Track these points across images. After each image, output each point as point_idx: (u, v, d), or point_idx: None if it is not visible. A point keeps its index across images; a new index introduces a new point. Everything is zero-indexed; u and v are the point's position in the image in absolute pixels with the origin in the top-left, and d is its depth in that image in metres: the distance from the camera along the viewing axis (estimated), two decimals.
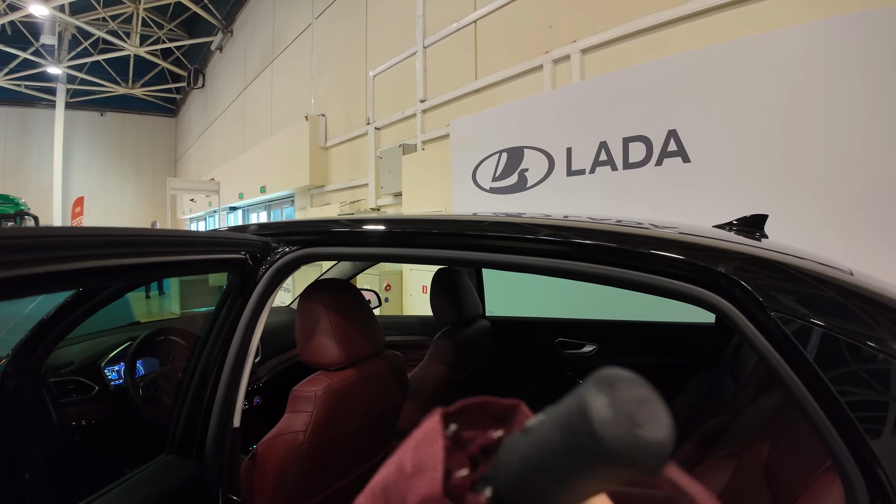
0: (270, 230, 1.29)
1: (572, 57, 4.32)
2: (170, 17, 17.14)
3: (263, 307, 1.22)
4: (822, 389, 0.63)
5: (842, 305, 0.69)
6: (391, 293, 5.95)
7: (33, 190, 18.82)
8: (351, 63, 8.15)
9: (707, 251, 0.82)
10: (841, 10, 2.74)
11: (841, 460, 0.61)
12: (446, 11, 5.98)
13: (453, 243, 1.05)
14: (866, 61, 2.45)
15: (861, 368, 0.63)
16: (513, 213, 1.30)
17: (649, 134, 3.21)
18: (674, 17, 3.68)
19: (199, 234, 1.11)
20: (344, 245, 1.20)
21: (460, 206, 4.51)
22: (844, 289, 0.71)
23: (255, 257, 1.21)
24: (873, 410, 0.62)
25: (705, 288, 0.77)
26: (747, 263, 0.77)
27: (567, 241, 0.91)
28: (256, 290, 1.20)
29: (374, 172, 7.06)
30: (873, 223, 2.41)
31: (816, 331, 0.66)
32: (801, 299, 0.70)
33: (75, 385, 1.93)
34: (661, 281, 0.81)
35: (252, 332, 1.21)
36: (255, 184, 11.12)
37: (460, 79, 5.71)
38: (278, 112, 11.37)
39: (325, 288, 1.42)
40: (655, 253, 0.83)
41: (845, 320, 0.66)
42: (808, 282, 0.73)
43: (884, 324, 0.66)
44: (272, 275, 1.21)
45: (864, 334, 0.64)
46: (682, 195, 3.07)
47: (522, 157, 4.00)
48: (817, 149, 2.58)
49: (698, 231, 1.05)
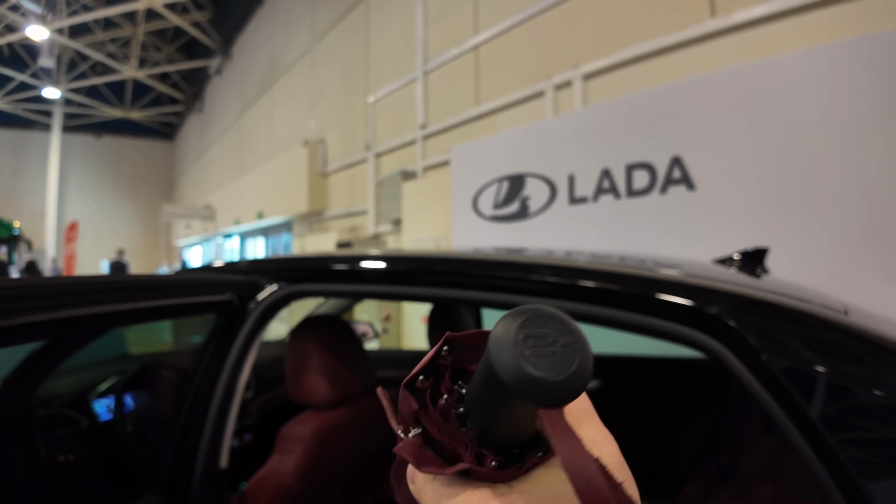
0: (259, 268, 1.27)
1: (574, 82, 4.31)
2: (169, 41, 17.32)
3: (251, 345, 1.19)
4: (813, 432, 0.62)
5: (834, 346, 0.70)
6: (390, 324, 5.88)
7: (27, 214, 18.71)
8: (351, 88, 8.17)
9: (700, 292, 0.82)
10: (846, 34, 2.73)
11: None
12: (447, 37, 6.00)
13: (444, 282, 1.06)
14: (874, 85, 2.42)
15: (852, 411, 0.63)
16: (513, 248, 1.32)
17: (653, 160, 3.18)
18: (676, 42, 3.68)
19: (183, 277, 1.09)
20: (334, 282, 1.20)
21: (461, 234, 4.46)
22: (837, 329, 0.72)
23: (242, 297, 1.19)
24: (865, 453, 0.61)
25: (698, 329, 0.77)
26: (740, 304, 0.78)
27: (556, 283, 0.93)
28: (245, 329, 1.17)
29: (373, 199, 7.01)
30: (883, 251, 2.36)
31: (807, 373, 0.66)
32: (793, 341, 0.71)
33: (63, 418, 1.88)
34: (654, 322, 0.81)
35: (239, 370, 1.18)
36: (253, 209, 11.08)
37: (461, 104, 5.70)
38: (277, 137, 11.38)
39: (316, 325, 1.41)
40: (648, 294, 0.84)
41: (836, 362, 0.67)
42: (801, 323, 0.74)
43: (876, 364, 0.66)
44: (261, 313, 1.18)
45: (856, 375, 0.65)
46: (687, 223, 3.03)
47: (524, 185, 3.96)
48: (825, 175, 2.54)
49: (697, 268, 1.08)
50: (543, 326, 0.23)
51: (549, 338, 0.23)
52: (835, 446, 0.60)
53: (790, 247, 2.55)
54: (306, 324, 1.41)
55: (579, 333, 0.23)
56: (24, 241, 12.99)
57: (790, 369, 0.66)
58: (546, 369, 0.22)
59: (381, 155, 7.11)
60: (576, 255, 1.15)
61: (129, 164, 22.10)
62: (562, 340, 0.23)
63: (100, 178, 21.34)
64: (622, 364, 2.38)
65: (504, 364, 0.22)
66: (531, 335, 0.23)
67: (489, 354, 0.23)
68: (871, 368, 0.65)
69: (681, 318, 0.79)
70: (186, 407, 1.19)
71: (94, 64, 17.00)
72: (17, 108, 18.53)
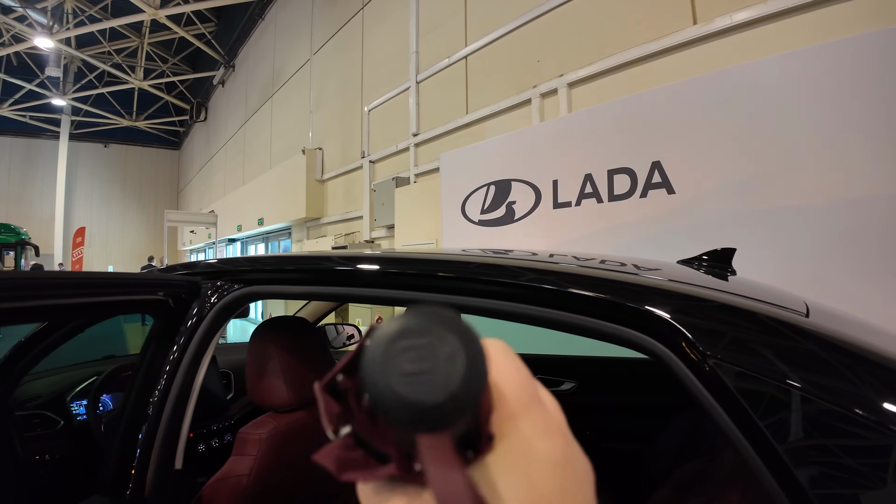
0: (202, 269, 1.25)
1: (559, 91, 4.37)
2: (174, 51, 17.54)
3: (207, 346, 1.17)
4: (763, 441, 0.58)
5: (788, 350, 0.64)
6: None
7: (36, 220, 18.94)
8: (347, 98, 8.27)
9: (645, 291, 0.76)
10: (826, 37, 2.75)
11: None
12: (439, 48, 6.08)
13: (404, 283, 1.00)
14: (854, 86, 2.43)
15: (806, 420, 0.58)
16: (487, 249, 1.26)
17: (633, 166, 3.21)
18: (659, 49, 3.74)
19: (107, 275, 1.06)
20: (290, 284, 1.16)
21: (450, 238, 4.50)
22: (794, 332, 0.67)
23: (180, 298, 1.17)
24: (815, 462, 0.57)
25: (642, 332, 0.71)
26: (689, 305, 0.72)
27: (492, 281, 0.87)
28: (200, 330, 1.16)
29: (368, 205, 7.08)
30: (863, 253, 2.36)
31: (757, 379, 0.61)
32: (744, 345, 0.65)
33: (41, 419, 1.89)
34: (595, 323, 0.75)
35: (195, 372, 1.16)
36: (254, 216, 11.17)
37: (452, 113, 5.77)
38: (277, 145, 11.50)
39: (277, 326, 1.38)
40: (585, 293, 0.78)
41: (791, 367, 0.62)
42: (755, 326, 0.68)
43: (830, 371, 0.61)
44: (216, 314, 1.17)
45: (811, 382, 0.60)
46: (667, 227, 3.04)
47: (510, 190, 4.00)
48: (804, 177, 2.55)
49: (653, 268, 1.01)
50: (423, 335, 0.20)
51: (430, 348, 0.19)
52: (784, 455, 0.56)
53: (770, 249, 2.56)
54: (267, 325, 1.38)
55: (466, 339, 0.20)
56: (30, 246, 13.12)
57: (740, 374, 0.61)
58: (421, 391, 0.19)
59: (376, 162, 7.19)
60: (516, 254, 1.11)
61: (135, 172, 22.33)
62: (444, 351, 0.19)
63: (107, 185, 21.57)
64: (596, 365, 2.37)
65: (373, 385, 0.19)
66: (411, 346, 0.19)
67: (360, 374, 0.20)
68: (828, 374, 0.60)
69: (623, 319, 0.73)
70: (129, 408, 1.18)
71: (100, 73, 17.21)
72: (25, 117, 18.77)
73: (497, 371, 0.25)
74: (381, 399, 0.19)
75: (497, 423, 0.24)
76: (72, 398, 1.98)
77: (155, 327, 1.20)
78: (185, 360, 1.16)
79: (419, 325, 0.20)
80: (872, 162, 2.36)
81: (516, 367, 0.26)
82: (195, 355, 1.16)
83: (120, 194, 21.76)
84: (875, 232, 2.34)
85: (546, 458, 0.23)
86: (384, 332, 0.20)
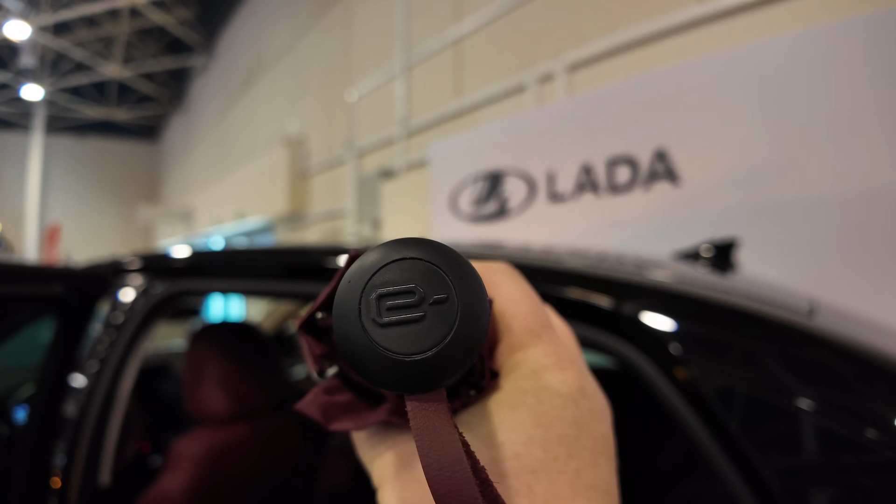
0: (123, 263, 1.11)
1: (557, 75, 4.16)
2: (153, 39, 17.09)
3: (133, 352, 1.02)
4: (742, 458, 0.49)
5: (784, 356, 0.56)
6: None
7: (7, 217, 18.43)
8: (332, 85, 8.01)
9: (614, 286, 0.66)
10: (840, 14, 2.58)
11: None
12: (429, 30, 5.86)
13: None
14: (869, 67, 2.25)
15: (794, 438, 0.50)
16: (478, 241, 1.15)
17: (635, 153, 3.02)
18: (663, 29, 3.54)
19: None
20: (224, 277, 1.04)
21: (439, 233, 4.29)
22: (793, 334, 0.58)
23: (84, 293, 1.02)
24: (798, 478, 0.49)
25: (606, 331, 0.61)
26: (664, 302, 0.62)
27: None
28: (124, 334, 1.01)
29: (354, 199, 6.84)
30: (876, 244, 2.19)
31: (742, 389, 0.53)
32: (729, 349, 0.57)
33: None
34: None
35: (119, 379, 1.01)
36: (233, 210, 10.88)
37: (443, 101, 5.56)
38: (259, 136, 11.21)
39: (215, 331, 1.29)
40: (541, 287, 0.65)
41: (784, 376, 0.54)
42: (744, 327, 0.59)
43: (836, 379, 0.54)
44: (144, 315, 1.02)
45: (807, 394, 0.51)
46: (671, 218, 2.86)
47: (502, 182, 3.80)
48: (817, 165, 2.37)
49: (645, 262, 0.92)
50: (406, 277, 0.16)
51: (416, 294, 0.16)
52: (767, 477, 0.48)
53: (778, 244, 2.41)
54: (205, 329, 1.29)
55: (459, 273, 0.16)
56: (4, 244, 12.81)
57: (720, 385, 0.53)
58: (406, 343, 0.16)
59: (363, 155, 6.94)
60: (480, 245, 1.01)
61: (112, 167, 21.78)
62: (433, 296, 0.16)
63: (83, 180, 21.01)
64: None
65: (345, 335, 0.16)
66: (389, 292, 0.16)
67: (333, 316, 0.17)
68: (829, 385, 0.53)
69: (585, 317, 0.63)
70: (36, 420, 1.04)
71: (77, 64, 16.73)
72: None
73: (502, 297, 0.23)
74: (354, 352, 0.16)
75: (503, 357, 0.22)
76: (14, 404, 1.84)
77: (59, 329, 1.06)
78: (108, 367, 1.01)
79: (400, 266, 0.17)
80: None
81: (524, 292, 0.23)
82: (119, 362, 1.02)
83: (96, 190, 21.24)
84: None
85: (558, 392, 0.21)
86: (361, 264, 0.17)
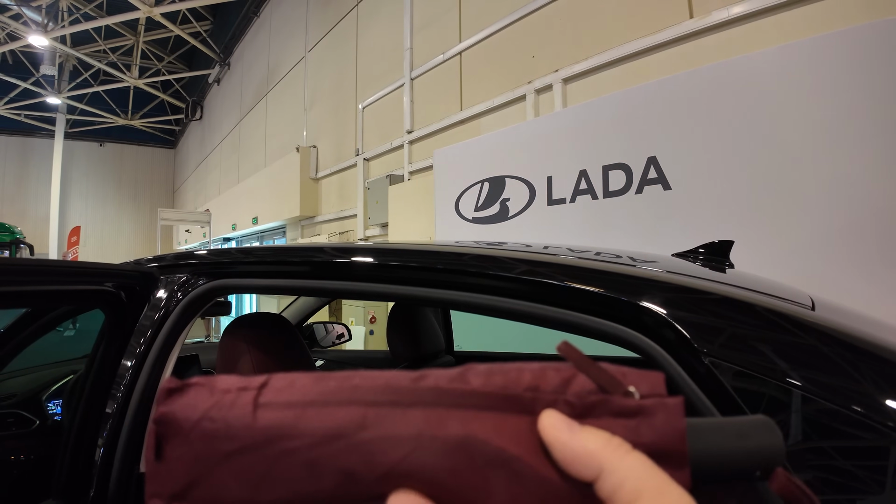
0: (165, 261, 1.18)
1: (554, 86, 4.31)
2: (169, 50, 17.43)
3: (174, 343, 1.10)
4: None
5: (795, 347, 0.58)
6: (376, 326, 5.82)
7: (31, 219, 18.82)
8: (341, 95, 8.19)
9: (630, 282, 0.70)
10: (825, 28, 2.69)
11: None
12: (433, 44, 6.02)
13: (382, 276, 0.93)
14: (852, 79, 2.36)
15: (811, 423, 0.52)
16: (475, 242, 1.18)
17: (629, 161, 3.15)
18: (655, 44, 3.68)
19: (42, 261, 0.99)
20: (262, 277, 1.09)
21: (444, 236, 4.44)
22: (801, 327, 0.60)
23: (133, 290, 1.10)
24: (820, 469, 0.52)
25: (627, 326, 0.64)
26: (680, 297, 0.66)
27: (444, 270, 0.81)
28: (165, 327, 1.09)
29: (362, 203, 7.01)
30: (865, 248, 2.29)
31: (758, 379, 0.55)
32: (742, 341, 0.59)
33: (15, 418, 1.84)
34: (575, 317, 0.68)
35: (160, 372, 1.09)
36: (248, 214, 11.10)
37: (446, 110, 5.71)
38: (272, 143, 11.42)
39: (250, 323, 1.31)
40: (569, 285, 0.71)
41: (796, 365, 0.55)
42: (754, 320, 0.62)
43: (846, 369, 0.55)
44: (182, 309, 1.10)
45: (819, 382, 0.53)
46: (663, 223, 2.98)
47: (504, 187, 3.94)
48: (802, 172, 2.48)
49: (647, 260, 0.94)
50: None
51: None
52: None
53: (768, 245, 2.50)
54: (240, 321, 1.32)
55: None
56: (25, 245, 13.01)
57: (738, 374, 0.55)
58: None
59: (370, 160, 7.13)
60: (488, 244, 1.04)
61: (131, 171, 22.19)
62: None
63: (103, 184, 21.43)
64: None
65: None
66: None
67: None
68: (839, 374, 0.55)
69: (607, 313, 0.66)
70: (81, 409, 1.12)
71: (95, 72, 17.09)
72: (20, 116, 18.65)
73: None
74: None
75: None
76: (48, 397, 1.94)
77: (107, 323, 1.12)
78: (148, 359, 1.09)
79: None
80: (875, 154, 2.30)
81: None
82: (160, 353, 1.09)
83: (115, 193, 21.63)
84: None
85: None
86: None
